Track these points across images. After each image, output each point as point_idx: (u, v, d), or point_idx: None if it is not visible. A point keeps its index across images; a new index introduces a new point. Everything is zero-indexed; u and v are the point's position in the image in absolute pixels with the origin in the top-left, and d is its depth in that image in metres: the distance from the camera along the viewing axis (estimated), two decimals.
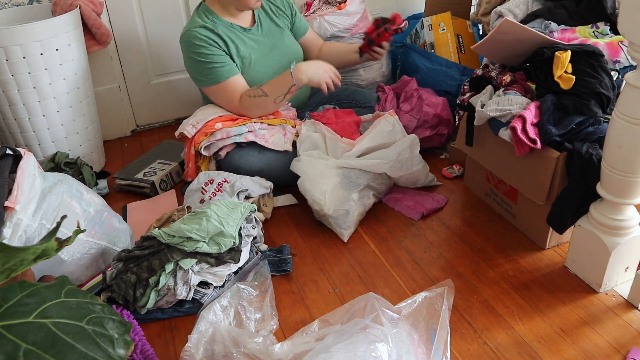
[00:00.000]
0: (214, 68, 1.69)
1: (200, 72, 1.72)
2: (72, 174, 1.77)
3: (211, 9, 1.74)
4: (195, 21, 1.71)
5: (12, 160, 1.30)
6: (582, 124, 1.32)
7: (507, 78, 1.46)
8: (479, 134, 1.56)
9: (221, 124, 1.69)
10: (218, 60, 1.69)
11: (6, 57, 1.66)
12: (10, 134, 1.84)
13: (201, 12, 1.75)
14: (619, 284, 1.34)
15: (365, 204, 1.63)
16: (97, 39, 1.97)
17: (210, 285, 1.34)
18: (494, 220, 1.62)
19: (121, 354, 0.70)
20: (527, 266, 1.43)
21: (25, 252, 0.71)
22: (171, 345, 1.25)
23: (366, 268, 1.46)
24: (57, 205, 1.31)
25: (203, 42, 1.67)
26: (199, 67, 1.71)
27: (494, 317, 1.28)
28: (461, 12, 2.29)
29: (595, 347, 1.18)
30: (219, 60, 1.69)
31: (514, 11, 1.71)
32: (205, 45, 1.67)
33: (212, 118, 1.72)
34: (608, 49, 1.46)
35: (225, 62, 1.70)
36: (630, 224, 1.26)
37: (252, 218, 1.46)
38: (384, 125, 1.72)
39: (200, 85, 1.78)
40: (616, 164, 1.18)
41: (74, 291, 0.74)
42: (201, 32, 1.68)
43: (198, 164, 1.75)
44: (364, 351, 1.01)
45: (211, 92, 1.76)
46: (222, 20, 1.74)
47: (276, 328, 1.27)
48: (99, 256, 1.40)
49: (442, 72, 2.09)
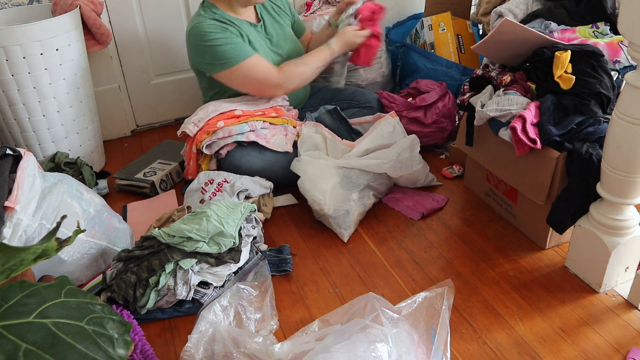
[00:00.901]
0: (232, 48, 1.65)
1: (221, 56, 1.65)
2: (72, 174, 1.77)
3: (216, 5, 1.73)
4: (202, 15, 1.71)
5: (12, 160, 1.30)
6: (582, 124, 1.32)
7: (507, 78, 1.46)
8: (479, 134, 1.56)
9: (223, 122, 1.69)
10: (235, 41, 1.67)
11: (6, 57, 1.66)
12: (10, 134, 1.84)
13: (206, 7, 1.74)
14: (619, 284, 1.34)
15: (365, 204, 1.63)
16: (97, 39, 1.97)
17: (210, 285, 1.34)
18: (494, 220, 1.62)
19: (121, 354, 0.70)
20: (527, 266, 1.43)
21: (25, 252, 0.71)
22: (171, 345, 1.25)
23: (366, 268, 1.46)
24: (57, 205, 1.31)
25: (216, 28, 1.65)
26: (217, 51, 1.65)
27: (494, 317, 1.28)
28: (461, 12, 2.29)
29: (595, 347, 1.18)
30: (236, 41, 1.67)
31: (514, 11, 1.71)
32: (219, 31, 1.65)
33: (214, 116, 1.71)
34: (608, 49, 1.46)
35: (242, 43, 1.68)
36: (630, 224, 1.26)
37: (252, 218, 1.46)
38: (384, 127, 1.72)
39: (222, 69, 1.67)
40: (616, 164, 1.18)
41: (74, 291, 0.74)
42: (211, 22, 1.67)
43: (199, 162, 1.75)
44: (364, 351, 1.01)
45: (238, 74, 1.68)
46: (228, 15, 1.73)
47: (276, 328, 1.27)
48: (99, 256, 1.40)
49: (442, 72, 2.09)
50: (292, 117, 1.84)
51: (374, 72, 2.20)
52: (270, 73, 1.71)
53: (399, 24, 2.48)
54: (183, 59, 2.15)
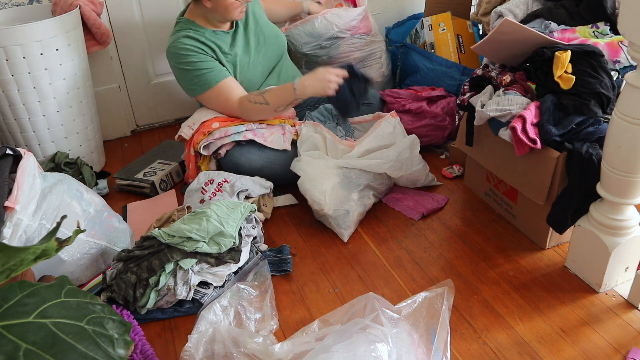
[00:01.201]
0: (203, 74, 1.68)
1: (191, 81, 1.71)
2: (72, 174, 1.77)
3: (193, 21, 1.73)
4: (179, 34, 1.71)
5: (12, 160, 1.30)
6: (582, 124, 1.32)
7: (507, 78, 1.46)
8: (479, 134, 1.56)
9: (218, 123, 1.70)
10: (206, 66, 1.68)
11: (6, 57, 1.66)
12: (10, 134, 1.84)
13: (183, 24, 1.73)
14: (619, 284, 1.34)
15: (365, 204, 1.63)
16: (97, 39, 1.97)
17: (210, 285, 1.34)
18: (494, 220, 1.62)
19: (121, 354, 0.70)
20: (527, 266, 1.43)
21: (25, 252, 0.71)
22: (171, 345, 1.25)
23: (366, 268, 1.46)
24: (57, 205, 1.31)
25: (189, 51, 1.67)
26: (188, 76, 1.70)
27: (494, 317, 1.28)
28: (461, 12, 2.29)
29: (595, 347, 1.18)
30: (208, 66, 1.69)
31: (514, 11, 1.71)
32: (192, 54, 1.67)
33: (209, 118, 1.72)
34: (608, 49, 1.46)
35: (214, 67, 1.69)
36: (630, 224, 1.26)
37: (252, 218, 1.46)
38: (385, 127, 1.72)
39: (193, 95, 1.77)
40: (616, 164, 1.18)
41: (74, 291, 0.74)
42: (186, 42, 1.67)
43: (198, 164, 1.75)
44: (364, 351, 1.01)
45: (205, 100, 1.75)
46: (205, 29, 1.73)
47: (276, 328, 1.27)
48: (99, 256, 1.40)
49: (442, 72, 2.09)
50: (290, 116, 1.84)
51: (373, 72, 2.20)
52: (227, 104, 1.71)
53: (399, 24, 2.48)
54: None
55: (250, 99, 1.69)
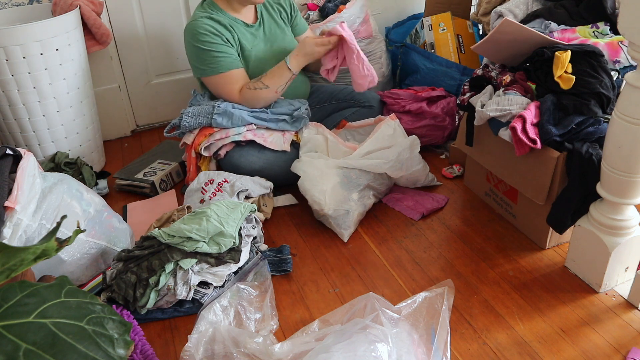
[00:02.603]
0: (216, 57, 1.69)
1: (203, 61, 1.71)
2: (72, 174, 1.77)
3: (215, 3, 1.75)
4: (199, 13, 1.73)
5: (12, 160, 1.30)
6: (582, 124, 1.32)
7: (507, 78, 1.46)
8: (479, 134, 1.56)
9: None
10: (222, 50, 1.69)
11: (6, 57, 1.66)
12: (10, 134, 1.84)
13: (205, 5, 1.76)
14: (619, 284, 1.34)
15: (365, 204, 1.63)
16: (97, 39, 1.97)
17: (210, 285, 1.34)
18: (494, 220, 1.62)
19: (121, 354, 0.70)
20: (527, 266, 1.43)
21: (25, 252, 0.71)
22: (171, 345, 1.25)
23: (366, 268, 1.46)
24: (57, 205, 1.31)
25: (208, 31, 1.68)
26: (201, 55, 1.70)
27: (494, 317, 1.28)
28: (461, 12, 2.29)
29: (595, 347, 1.18)
30: (223, 50, 1.70)
31: (514, 11, 1.71)
32: (210, 35, 1.68)
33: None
34: (608, 49, 1.46)
35: (229, 54, 1.71)
36: (630, 224, 1.26)
37: (252, 218, 1.46)
38: (385, 129, 1.72)
39: (200, 75, 1.77)
40: (616, 164, 1.18)
41: (74, 291, 0.74)
42: (207, 22, 1.69)
43: (199, 165, 1.75)
44: (364, 351, 1.01)
45: (211, 82, 1.75)
46: (227, 14, 1.75)
47: (276, 328, 1.27)
48: (99, 256, 1.40)
49: (442, 72, 2.09)
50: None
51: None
52: (231, 92, 1.73)
53: (399, 24, 2.48)
54: (183, 58, 2.15)
55: (250, 87, 1.72)
